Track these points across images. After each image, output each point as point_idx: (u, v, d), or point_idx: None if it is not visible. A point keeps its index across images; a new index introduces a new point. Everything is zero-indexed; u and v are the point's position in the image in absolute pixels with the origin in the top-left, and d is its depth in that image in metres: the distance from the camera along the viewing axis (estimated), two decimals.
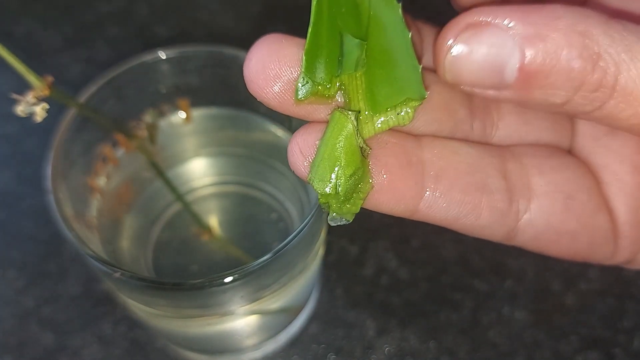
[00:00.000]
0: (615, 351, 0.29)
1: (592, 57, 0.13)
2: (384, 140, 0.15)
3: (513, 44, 0.13)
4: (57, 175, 0.22)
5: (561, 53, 0.13)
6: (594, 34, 0.13)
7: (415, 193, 0.15)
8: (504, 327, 0.30)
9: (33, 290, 0.31)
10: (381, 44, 0.15)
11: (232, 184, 0.30)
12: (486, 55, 0.14)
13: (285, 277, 0.22)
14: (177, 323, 0.25)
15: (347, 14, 0.15)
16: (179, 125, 0.28)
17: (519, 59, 0.13)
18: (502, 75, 0.14)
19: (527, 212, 0.17)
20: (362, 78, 0.15)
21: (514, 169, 0.17)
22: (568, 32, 0.13)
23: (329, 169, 0.14)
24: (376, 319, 0.30)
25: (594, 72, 0.13)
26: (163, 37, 0.41)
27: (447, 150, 0.16)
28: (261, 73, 0.14)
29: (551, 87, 0.13)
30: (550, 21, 0.13)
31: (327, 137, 0.14)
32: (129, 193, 0.27)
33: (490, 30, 0.13)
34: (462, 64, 0.14)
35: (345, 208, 0.15)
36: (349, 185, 0.15)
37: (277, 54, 0.14)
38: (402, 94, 0.15)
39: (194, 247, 0.29)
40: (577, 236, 0.17)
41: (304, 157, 0.15)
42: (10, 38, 0.41)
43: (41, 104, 0.19)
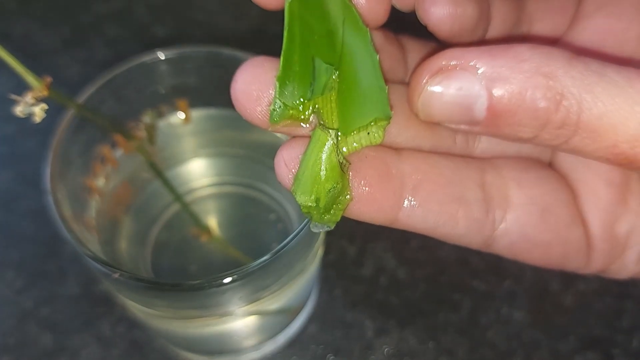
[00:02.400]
0: (614, 351, 0.29)
1: (556, 97, 0.14)
2: (364, 153, 0.16)
3: (480, 86, 0.14)
4: (55, 176, 0.22)
5: (526, 94, 0.14)
6: (557, 75, 0.14)
7: (394, 203, 0.16)
8: (503, 327, 0.30)
9: (32, 290, 0.31)
10: (352, 68, 0.16)
11: (231, 185, 0.30)
12: (455, 97, 0.15)
13: (284, 277, 0.22)
14: (176, 324, 0.25)
15: (319, 40, 0.16)
16: (178, 125, 0.28)
17: (486, 99, 0.14)
18: (472, 113, 0.14)
19: (503, 222, 0.17)
20: (335, 101, 0.16)
21: (493, 180, 0.17)
22: (532, 74, 0.14)
23: (310, 182, 0.15)
24: (375, 319, 0.30)
25: (558, 112, 0.14)
26: (162, 37, 0.41)
27: (427, 164, 0.17)
28: (245, 95, 0.16)
29: (518, 124, 0.14)
30: (516, 64, 0.14)
31: (309, 152, 0.15)
32: (127, 194, 0.27)
33: (459, 73, 0.14)
34: (433, 105, 0.15)
35: (325, 218, 0.16)
36: (328, 197, 0.16)
37: (259, 78, 0.16)
38: (370, 114, 0.16)
39: (193, 248, 0.29)
40: (552, 247, 0.18)
41: (288, 170, 0.16)
42: (8, 39, 0.41)
43: (40, 105, 0.19)
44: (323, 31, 0.16)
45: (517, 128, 0.14)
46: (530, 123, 0.14)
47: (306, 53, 0.16)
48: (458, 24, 0.17)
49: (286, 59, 0.15)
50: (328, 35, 0.16)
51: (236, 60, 0.25)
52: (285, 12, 0.15)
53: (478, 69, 0.14)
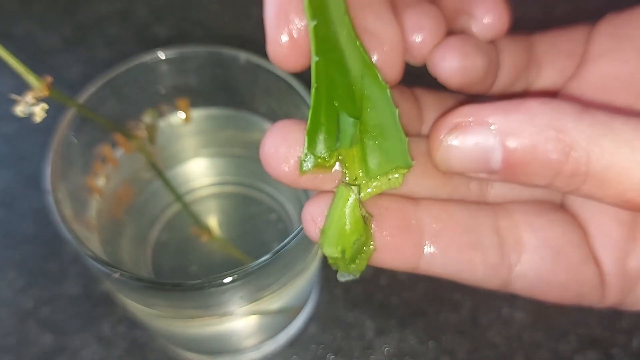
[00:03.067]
0: (614, 351, 0.29)
1: (565, 149, 0.15)
2: (385, 205, 0.17)
3: (495, 140, 0.15)
4: (56, 176, 0.22)
5: (538, 147, 0.15)
6: (567, 129, 0.15)
7: (415, 252, 0.17)
8: (503, 327, 0.30)
9: (32, 290, 0.31)
10: (373, 120, 0.17)
11: (232, 185, 0.30)
12: (472, 150, 0.16)
13: (284, 277, 0.22)
14: (176, 324, 0.25)
15: (342, 94, 0.17)
16: (179, 125, 0.28)
17: (501, 152, 0.15)
18: (489, 164, 0.16)
19: (519, 265, 0.18)
20: (358, 149, 0.17)
21: (507, 225, 0.18)
22: (544, 128, 0.15)
23: (336, 236, 0.16)
24: (375, 319, 0.30)
25: (568, 163, 0.15)
26: (162, 37, 0.41)
27: (444, 212, 0.18)
28: (274, 156, 0.17)
29: (532, 174, 0.15)
30: (528, 118, 0.15)
31: (334, 208, 0.17)
32: (128, 193, 0.27)
33: (475, 128, 0.16)
34: (452, 157, 0.16)
35: (351, 267, 0.17)
36: (353, 249, 0.17)
37: (287, 140, 0.17)
38: (392, 163, 0.17)
39: (194, 248, 0.29)
40: (566, 286, 0.19)
41: (315, 224, 0.17)
42: (9, 38, 0.41)
43: (40, 105, 0.19)
44: (345, 85, 0.17)
45: (532, 177, 0.15)
46: (543, 173, 0.15)
47: (331, 107, 0.17)
48: (468, 76, 0.18)
49: (314, 115, 0.16)
50: (349, 89, 0.17)
51: (237, 60, 0.25)
52: (312, 70, 0.16)
53: (492, 124, 0.15)
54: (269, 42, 0.17)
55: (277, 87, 0.24)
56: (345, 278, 0.18)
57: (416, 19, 0.18)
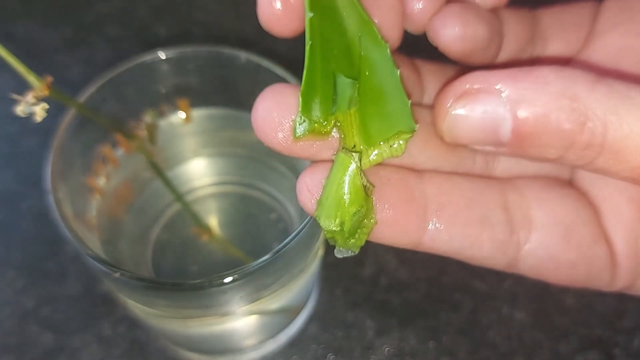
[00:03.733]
0: (615, 351, 0.29)
1: (580, 119, 0.14)
2: (387, 176, 0.16)
3: (505, 108, 0.14)
4: (56, 176, 0.22)
5: (551, 116, 0.14)
6: (581, 97, 0.14)
7: (418, 227, 0.16)
8: (504, 328, 0.30)
9: (33, 290, 0.31)
10: (372, 82, 0.16)
11: (232, 184, 0.30)
12: (481, 119, 0.15)
13: (284, 277, 0.22)
14: (176, 323, 0.25)
15: (339, 55, 0.16)
16: (179, 125, 0.28)
17: (511, 122, 0.14)
18: (497, 136, 0.15)
19: (528, 243, 0.17)
20: (356, 114, 0.16)
21: (515, 201, 0.17)
22: (557, 96, 0.14)
23: (334, 207, 0.15)
24: (376, 319, 0.30)
25: (583, 133, 0.14)
26: (163, 37, 0.41)
27: (449, 185, 0.17)
28: (266, 121, 0.16)
29: (543, 145, 0.14)
30: (540, 86, 0.14)
31: (332, 176, 0.15)
32: (128, 193, 0.27)
33: (484, 96, 0.15)
34: (459, 127, 0.15)
35: (350, 242, 0.16)
36: (353, 222, 0.15)
37: (280, 104, 0.15)
38: (394, 127, 0.16)
39: (194, 248, 0.29)
40: (576, 266, 0.18)
41: (311, 195, 0.16)
42: (10, 38, 0.41)
43: (41, 104, 0.19)
44: (342, 46, 0.16)
45: (543, 149, 0.15)
46: (555, 144, 0.14)
47: (327, 68, 0.16)
48: (469, 44, 0.17)
49: (309, 75, 0.15)
50: (347, 49, 0.16)
51: (237, 60, 0.25)
52: (306, 27, 0.15)
53: (502, 92, 0.14)
54: (260, 4, 0.16)
55: None
56: (343, 254, 0.16)
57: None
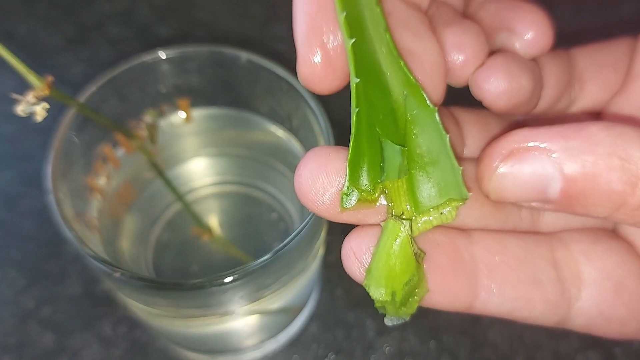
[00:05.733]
0: (616, 351, 0.29)
1: (632, 180, 0.13)
2: (437, 240, 0.16)
3: (554, 168, 0.14)
4: (57, 175, 0.22)
5: (601, 177, 0.13)
6: (633, 158, 0.13)
7: (470, 291, 0.16)
8: (504, 327, 0.30)
9: (33, 290, 0.31)
10: (420, 147, 0.15)
11: (232, 184, 0.30)
12: (529, 179, 0.14)
13: (285, 277, 0.22)
14: (177, 323, 0.25)
15: (385, 119, 0.15)
16: (179, 125, 0.28)
17: (560, 182, 0.14)
18: (545, 194, 0.14)
19: (579, 301, 0.17)
20: (404, 181, 0.15)
21: (564, 257, 0.17)
22: (607, 157, 0.13)
23: (385, 277, 0.15)
24: (376, 319, 0.30)
25: (635, 195, 0.13)
26: (163, 37, 0.41)
27: (498, 246, 0.16)
28: (311, 186, 0.15)
29: (592, 205, 0.14)
30: (590, 145, 0.14)
31: (382, 245, 0.15)
32: (129, 193, 0.27)
33: (532, 155, 0.14)
34: (506, 187, 0.15)
35: (401, 311, 0.16)
36: (404, 291, 0.15)
37: (325, 168, 0.15)
38: (444, 195, 0.15)
39: (194, 247, 0.29)
40: (627, 321, 0.17)
41: (359, 262, 0.15)
42: (10, 38, 0.41)
43: (41, 104, 0.19)
44: (387, 109, 0.15)
45: (591, 208, 0.14)
46: (604, 204, 0.14)
47: (373, 134, 0.15)
48: (515, 98, 0.17)
49: (356, 142, 0.15)
50: (392, 112, 0.15)
51: (237, 59, 0.25)
52: (352, 93, 0.15)
53: (551, 151, 0.14)
54: (299, 62, 0.15)
55: (278, 87, 0.24)
56: (393, 322, 0.16)
57: (457, 38, 0.17)
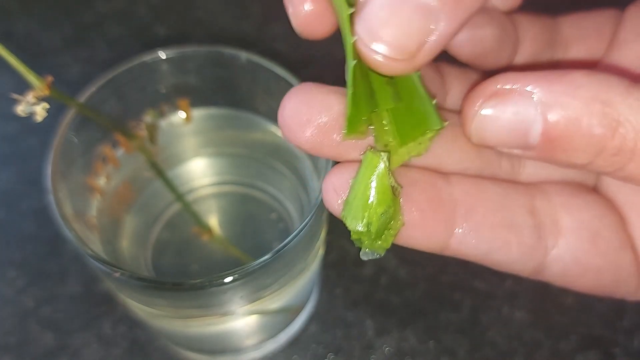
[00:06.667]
0: (615, 351, 0.29)
1: (612, 124, 0.14)
2: (415, 178, 0.16)
3: (536, 111, 0.14)
4: (57, 175, 0.22)
5: (582, 120, 0.14)
6: (614, 102, 0.14)
7: (446, 230, 0.16)
8: (504, 327, 0.30)
9: (33, 289, 0.31)
10: (401, 82, 0.16)
11: (232, 184, 0.30)
12: (510, 121, 0.14)
13: (285, 277, 0.22)
14: (177, 323, 0.25)
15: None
16: (179, 125, 0.28)
17: (541, 125, 0.14)
18: (526, 138, 0.14)
19: (555, 248, 0.17)
20: (387, 113, 0.16)
21: (542, 206, 0.17)
22: (589, 101, 0.14)
23: (362, 207, 0.15)
24: (376, 318, 0.30)
25: (614, 139, 0.14)
26: (163, 37, 0.41)
27: (476, 189, 0.17)
28: (294, 119, 0.15)
29: (573, 150, 0.14)
30: (572, 90, 0.14)
31: (360, 176, 0.15)
32: (129, 193, 0.27)
33: (514, 97, 0.14)
34: (488, 128, 0.15)
35: (377, 244, 0.16)
36: (380, 223, 0.15)
37: (308, 102, 0.15)
38: (424, 125, 0.16)
39: (194, 247, 0.29)
40: (602, 272, 0.18)
41: (337, 195, 0.16)
42: (10, 38, 0.41)
43: (41, 104, 0.19)
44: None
45: (572, 154, 0.14)
46: (585, 149, 0.14)
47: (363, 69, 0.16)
48: (479, 47, 0.17)
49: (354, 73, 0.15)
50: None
51: (237, 59, 0.25)
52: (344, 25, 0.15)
53: (534, 94, 0.14)
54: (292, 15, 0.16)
55: (278, 87, 0.24)
56: (368, 256, 0.16)
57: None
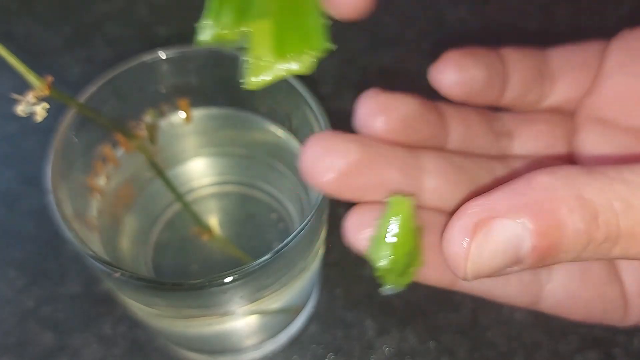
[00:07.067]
0: (615, 351, 0.29)
1: (593, 213, 0.14)
2: (432, 220, 0.18)
3: (523, 229, 0.14)
4: (57, 175, 0.22)
5: (566, 222, 0.14)
6: (586, 193, 0.14)
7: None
8: (504, 327, 0.30)
9: (33, 289, 0.31)
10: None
11: (232, 184, 0.30)
12: (503, 249, 0.14)
13: (285, 277, 0.22)
14: (177, 323, 0.25)
15: None
16: (179, 125, 0.28)
17: (530, 241, 0.14)
18: (518, 257, 0.14)
19: (549, 283, 0.19)
20: (269, 26, 0.16)
21: None
22: (564, 200, 0.14)
23: (388, 247, 0.16)
24: (376, 319, 0.30)
25: (599, 229, 0.14)
26: (163, 37, 0.41)
27: None
28: (315, 165, 0.17)
29: (563, 252, 0.14)
30: (549, 195, 0.14)
31: (386, 219, 0.16)
32: (129, 193, 0.27)
33: (499, 223, 0.14)
34: (483, 263, 0.15)
35: (399, 280, 0.17)
36: (404, 262, 0.16)
37: (328, 149, 0.17)
38: (308, 43, 0.16)
39: (194, 247, 0.29)
40: (592, 304, 0.19)
41: (362, 234, 0.17)
42: (10, 38, 0.41)
43: (41, 104, 0.19)
44: None
45: (561, 256, 0.14)
46: (574, 248, 0.14)
47: None
48: (468, 88, 0.19)
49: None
50: None
51: (237, 59, 0.25)
52: None
53: (514, 213, 0.14)
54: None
55: (278, 87, 0.24)
56: (389, 292, 0.17)
57: None
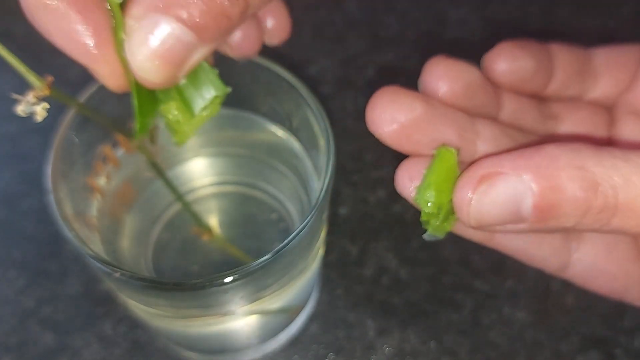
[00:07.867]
0: (616, 351, 0.29)
1: (592, 185, 0.15)
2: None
3: (524, 187, 0.16)
4: (57, 175, 0.22)
5: (566, 187, 0.15)
6: (589, 166, 0.15)
7: None
8: (505, 327, 0.30)
9: (33, 290, 0.31)
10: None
11: (232, 184, 0.30)
12: (503, 201, 0.16)
13: (285, 277, 0.22)
14: (177, 323, 0.25)
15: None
16: None
17: (531, 198, 0.16)
18: (519, 213, 0.16)
19: (577, 252, 0.21)
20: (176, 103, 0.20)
21: None
22: (567, 169, 0.15)
23: (434, 193, 0.18)
24: (376, 319, 0.30)
25: (597, 198, 0.15)
26: None
27: None
28: (380, 116, 0.18)
29: (562, 215, 0.16)
30: (551, 162, 0.16)
31: (434, 167, 0.18)
32: (129, 193, 0.27)
33: (502, 178, 0.16)
34: (483, 212, 0.16)
35: (441, 226, 0.18)
36: (448, 207, 0.18)
37: (394, 102, 0.18)
38: (210, 93, 0.19)
39: (194, 247, 0.29)
40: (615, 278, 0.21)
41: (410, 182, 0.18)
42: (10, 37, 0.41)
43: (41, 104, 0.19)
44: None
45: (561, 219, 0.16)
46: (573, 212, 0.16)
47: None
48: (517, 76, 0.20)
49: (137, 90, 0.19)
50: None
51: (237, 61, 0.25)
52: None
53: (519, 172, 0.16)
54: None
55: (278, 87, 0.24)
56: (430, 238, 0.19)
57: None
